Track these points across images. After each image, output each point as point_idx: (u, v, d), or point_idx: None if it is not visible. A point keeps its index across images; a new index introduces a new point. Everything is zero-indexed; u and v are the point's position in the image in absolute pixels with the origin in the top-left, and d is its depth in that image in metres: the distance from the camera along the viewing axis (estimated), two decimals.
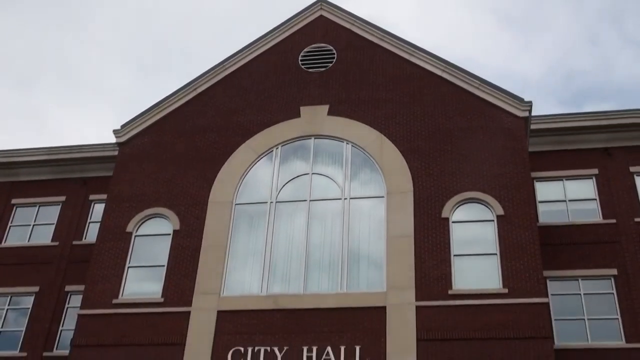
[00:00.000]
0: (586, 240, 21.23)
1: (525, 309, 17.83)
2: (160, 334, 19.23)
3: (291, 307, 18.97)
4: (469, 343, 17.68)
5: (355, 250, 19.71)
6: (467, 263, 18.91)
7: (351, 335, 18.31)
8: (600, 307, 20.22)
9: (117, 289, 20.24)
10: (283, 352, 18.40)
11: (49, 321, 22.88)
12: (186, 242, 20.62)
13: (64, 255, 24.26)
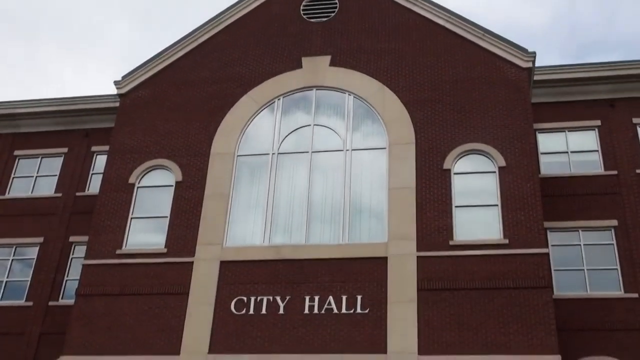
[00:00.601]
0: (587, 191, 21.30)
1: (525, 260, 18.00)
2: (163, 284, 19.47)
3: (293, 258, 19.15)
4: (469, 293, 17.89)
5: (357, 201, 19.80)
6: (468, 214, 19.01)
7: (353, 285, 18.52)
8: (600, 258, 20.40)
9: (120, 240, 20.42)
10: (285, 302, 18.64)
11: (54, 271, 23.15)
12: (188, 194, 20.71)
13: (68, 206, 24.41)
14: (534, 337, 17.06)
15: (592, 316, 19.39)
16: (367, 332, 17.88)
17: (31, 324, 22.26)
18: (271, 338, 18.26)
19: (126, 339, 18.93)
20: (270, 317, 18.53)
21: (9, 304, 22.93)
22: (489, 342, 17.21)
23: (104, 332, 19.11)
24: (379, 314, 18.04)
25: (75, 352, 18.98)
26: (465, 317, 17.62)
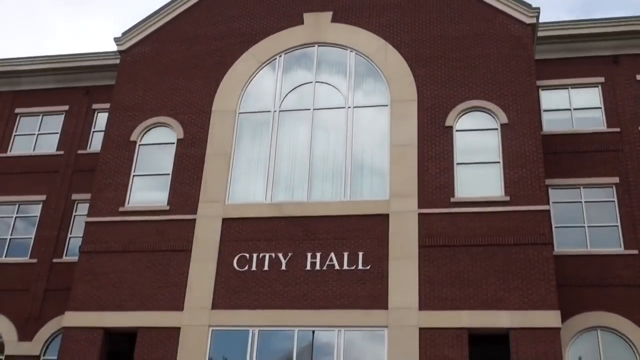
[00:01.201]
0: (589, 148, 21.26)
1: (526, 216, 18.07)
2: (166, 241, 19.60)
3: (295, 215, 19.25)
4: (470, 249, 18.01)
5: (359, 159, 19.81)
6: (469, 171, 19.03)
7: (354, 242, 18.65)
8: (601, 214, 20.46)
9: (123, 197, 20.50)
10: (287, 259, 18.79)
11: (57, 229, 23.30)
12: (190, 151, 20.71)
13: (70, 164, 24.44)
14: (533, 293, 17.23)
15: (592, 272, 19.54)
16: (369, 288, 18.05)
17: (36, 281, 22.49)
18: (273, 294, 18.45)
19: (130, 295, 19.14)
20: (272, 274, 18.70)
21: (14, 260, 23.13)
22: (489, 298, 17.39)
23: (108, 288, 19.31)
24: (380, 271, 18.19)
25: (80, 307, 19.21)
26: (465, 273, 17.77)
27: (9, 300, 22.40)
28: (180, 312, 18.62)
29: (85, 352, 18.65)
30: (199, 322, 18.39)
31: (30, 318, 21.94)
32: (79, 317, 19.06)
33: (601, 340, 18.83)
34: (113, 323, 18.89)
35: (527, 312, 17.03)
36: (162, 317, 18.66)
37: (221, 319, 18.40)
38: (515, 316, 17.04)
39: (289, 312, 18.15)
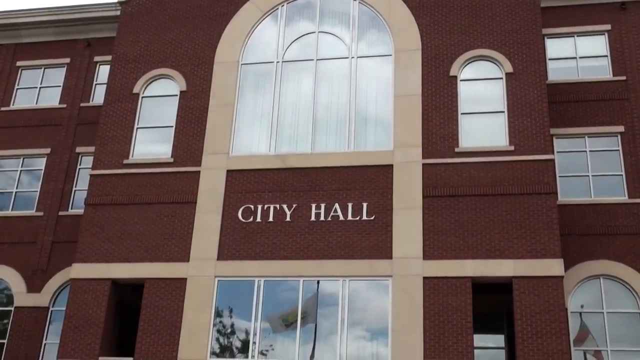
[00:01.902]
0: (595, 97, 21.08)
1: (530, 166, 18.06)
2: (171, 193, 19.67)
3: (299, 166, 19.26)
4: (474, 199, 18.05)
5: (363, 109, 19.71)
6: (474, 121, 18.96)
7: (358, 193, 18.69)
8: (605, 163, 20.39)
9: (127, 150, 20.51)
10: (292, 210, 18.87)
11: (62, 182, 23.36)
12: (193, 103, 20.62)
13: (73, 117, 24.37)
14: (537, 242, 17.33)
15: (596, 221, 19.58)
16: (373, 239, 18.16)
17: (43, 233, 22.65)
18: (278, 245, 18.59)
19: (136, 246, 19.30)
20: (277, 225, 18.80)
21: (20, 214, 23.26)
22: (493, 247, 17.50)
23: (114, 240, 19.47)
24: (385, 221, 18.27)
25: (87, 259, 19.40)
26: (469, 223, 17.85)
27: (17, 253, 22.61)
28: (186, 263, 18.80)
29: (93, 303, 18.90)
30: (204, 272, 18.59)
31: (38, 270, 22.18)
32: (86, 268, 19.27)
33: (604, 288, 18.97)
34: (120, 274, 19.10)
35: (531, 261, 17.15)
36: (169, 268, 18.85)
37: (227, 269, 18.59)
38: (519, 265, 17.17)
39: (294, 263, 18.31)
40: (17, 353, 21.22)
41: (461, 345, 16.80)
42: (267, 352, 17.97)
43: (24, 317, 21.66)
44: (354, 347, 17.54)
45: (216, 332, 18.25)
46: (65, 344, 18.61)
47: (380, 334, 17.54)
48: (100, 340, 18.51)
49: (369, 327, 17.71)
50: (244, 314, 18.30)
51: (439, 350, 16.84)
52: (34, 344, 21.20)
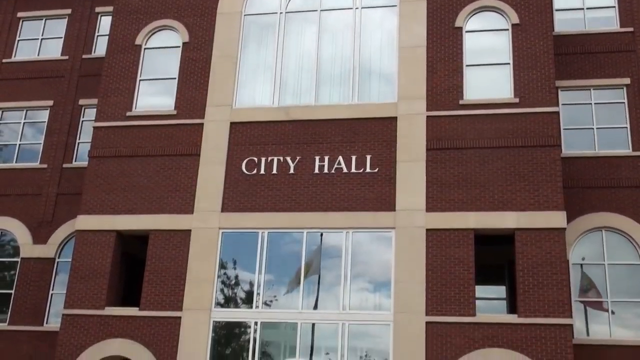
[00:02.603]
0: (601, 49, 20.86)
1: (535, 118, 17.99)
2: (174, 145, 19.68)
3: (303, 118, 19.21)
4: (478, 152, 18.04)
5: (367, 61, 19.56)
6: (479, 73, 18.81)
7: (362, 145, 18.67)
8: (610, 116, 20.31)
9: (129, 102, 20.44)
10: (295, 162, 18.88)
11: (66, 134, 23.36)
12: (196, 55, 20.47)
13: (75, 69, 24.23)
14: (540, 195, 17.37)
15: (599, 174, 19.58)
16: (376, 191, 18.22)
17: (47, 186, 22.75)
18: (282, 197, 18.65)
19: (140, 198, 19.39)
20: (280, 177, 18.84)
21: (24, 166, 23.32)
22: (496, 200, 17.55)
23: (119, 193, 19.55)
24: (388, 173, 18.30)
25: (92, 211, 19.52)
26: (473, 175, 17.87)
27: (22, 205, 22.74)
28: (190, 215, 18.91)
29: (98, 254, 19.08)
30: (209, 224, 18.70)
31: (43, 222, 22.34)
32: (91, 220, 19.40)
33: (605, 240, 19.08)
34: (125, 226, 19.23)
35: (533, 213, 17.21)
36: (173, 220, 18.96)
37: (230, 221, 18.70)
38: (521, 217, 17.24)
39: (298, 215, 18.40)
40: (25, 303, 21.52)
41: (463, 296, 16.98)
42: (271, 303, 18.18)
43: (31, 268, 21.91)
44: (357, 298, 17.74)
45: (220, 283, 18.45)
46: (72, 294, 18.85)
47: (383, 286, 17.72)
48: (106, 290, 18.74)
49: (371, 279, 17.88)
50: (248, 266, 18.47)
51: (441, 300, 17.03)
52: (40, 294, 21.50)
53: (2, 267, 22.54)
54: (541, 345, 16.26)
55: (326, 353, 17.46)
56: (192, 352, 17.71)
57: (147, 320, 18.26)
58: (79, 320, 18.58)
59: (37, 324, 21.21)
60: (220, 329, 18.07)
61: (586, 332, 18.54)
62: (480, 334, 16.65)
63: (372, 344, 17.36)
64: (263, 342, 17.82)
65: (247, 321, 18.02)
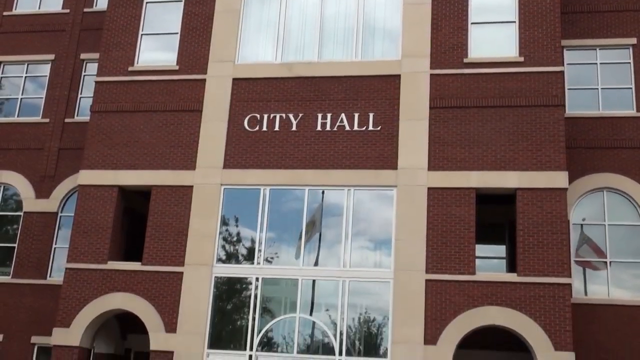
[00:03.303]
0: (608, 8, 20.56)
1: (539, 78, 17.87)
2: (177, 101, 19.60)
3: (306, 75, 19.09)
4: (481, 110, 17.96)
5: (371, 18, 19.35)
6: (484, 31, 18.62)
7: (365, 103, 18.59)
8: (615, 76, 20.13)
9: (132, 57, 20.30)
10: (298, 119, 18.82)
11: (67, 89, 23.23)
12: (198, 9, 20.24)
13: (76, 22, 23.98)
14: (542, 154, 17.35)
15: (602, 134, 19.51)
16: (379, 149, 18.19)
17: (49, 140, 22.71)
18: (284, 154, 18.64)
19: (142, 154, 19.39)
20: (283, 134, 18.80)
21: (26, 120, 23.26)
22: (498, 159, 17.53)
23: (121, 148, 19.55)
24: (391, 131, 18.25)
25: (94, 166, 19.54)
26: (475, 135, 17.82)
27: (24, 159, 22.75)
28: (192, 171, 18.93)
29: (101, 209, 19.16)
30: (210, 180, 18.73)
31: (45, 176, 22.37)
32: (94, 175, 19.44)
33: (606, 201, 19.10)
34: (127, 181, 19.27)
35: (535, 173, 17.22)
36: (175, 176, 18.99)
37: (232, 177, 18.72)
38: (523, 176, 17.24)
39: (300, 172, 18.42)
40: (28, 257, 21.69)
41: (463, 254, 17.09)
42: (272, 260, 18.31)
43: (33, 222, 22.02)
44: (358, 256, 17.85)
45: (222, 239, 18.55)
46: (75, 248, 18.99)
47: (383, 244, 17.82)
48: (109, 245, 18.86)
49: (372, 237, 17.98)
50: (250, 223, 18.55)
51: (441, 259, 17.14)
52: (43, 248, 21.65)
53: (5, 221, 22.66)
54: (540, 304, 16.42)
55: (326, 309, 17.64)
56: (194, 306, 17.90)
57: (149, 275, 18.42)
58: (81, 274, 18.75)
59: (40, 278, 21.41)
60: (222, 285, 18.24)
61: (584, 292, 18.69)
62: (480, 292, 16.79)
63: (372, 301, 17.54)
64: (264, 297, 18.00)
65: (248, 277, 18.17)
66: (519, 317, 16.42)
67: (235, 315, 18.05)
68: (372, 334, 17.37)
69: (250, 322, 17.76)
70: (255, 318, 17.76)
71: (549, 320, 16.27)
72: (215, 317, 17.98)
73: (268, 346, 17.65)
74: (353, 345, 17.28)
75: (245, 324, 17.81)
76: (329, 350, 17.25)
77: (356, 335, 17.37)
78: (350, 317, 17.41)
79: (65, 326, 18.37)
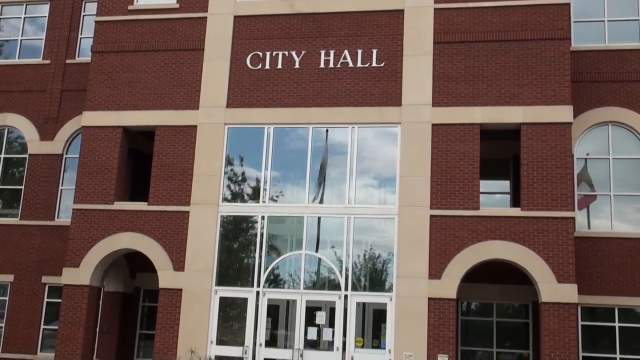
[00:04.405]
0: None
1: (545, 10, 17.62)
2: (178, 40, 19.41)
3: (308, 11, 18.86)
4: (486, 45, 17.76)
5: None
6: None
7: (368, 39, 18.39)
8: (622, 8, 19.77)
9: None
10: (301, 57, 18.66)
11: (67, 29, 22.94)
12: None
13: None
14: (547, 89, 17.23)
15: (608, 68, 19.28)
16: (382, 85, 18.08)
17: (51, 82, 22.58)
18: (287, 92, 18.55)
19: (145, 94, 19.31)
20: (286, 72, 18.68)
21: (27, 62, 23.07)
22: (503, 94, 17.43)
23: (124, 88, 19.47)
24: (394, 68, 18.10)
25: (98, 107, 19.50)
26: (480, 69, 17.67)
27: (27, 101, 22.68)
28: (195, 111, 18.88)
29: (106, 150, 19.20)
30: (214, 120, 18.71)
31: (49, 118, 22.33)
32: (97, 116, 19.42)
33: (611, 135, 19.03)
34: (131, 122, 19.27)
35: (540, 107, 17.14)
36: (179, 116, 18.96)
37: (236, 116, 18.69)
38: (528, 111, 17.17)
39: (303, 110, 18.36)
40: (35, 199, 21.84)
41: (467, 190, 17.16)
42: (277, 198, 18.43)
43: (39, 164, 22.09)
44: (362, 193, 17.95)
45: (227, 179, 18.64)
46: (81, 189, 19.11)
47: (387, 181, 17.89)
48: (115, 185, 18.98)
49: (376, 175, 18.04)
50: (254, 162, 18.59)
51: (445, 194, 17.22)
52: (50, 190, 21.77)
53: (11, 164, 22.74)
54: (543, 238, 16.56)
55: (332, 247, 17.83)
56: (201, 245, 18.11)
57: (155, 215, 18.58)
58: (89, 214, 18.92)
59: (48, 219, 21.61)
60: (228, 224, 18.41)
61: (587, 226, 18.80)
62: (484, 227, 16.93)
63: (376, 237, 17.72)
64: (270, 235, 18.18)
65: (254, 215, 18.32)
66: (522, 251, 16.60)
67: (242, 253, 18.28)
68: (377, 270, 17.61)
69: (257, 259, 18.00)
70: (262, 255, 17.99)
71: (552, 253, 16.44)
72: (223, 255, 18.21)
73: (275, 283, 17.93)
74: (358, 280, 17.54)
75: (252, 262, 18.05)
76: (335, 286, 17.52)
77: (361, 271, 17.61)
78: (356, 254, 17.62)
79: (75, 266, 18.65)
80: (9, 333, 21.07)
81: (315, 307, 17.51)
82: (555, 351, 15.98)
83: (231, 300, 18.02)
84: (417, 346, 16.52)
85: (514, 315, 19.16)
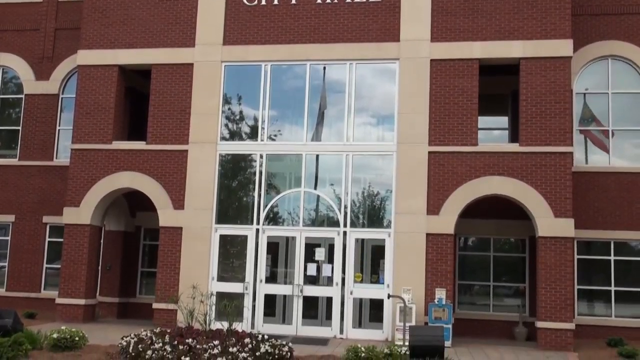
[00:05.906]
0: None
1: None
2: None
3: None
4: None
5: None
6: None
7: None
8: None
9: None
10: None
11: None
12: None
13: None
14: (547, 22, 17.03)
15: (608, 0, 19.01)
16: (381, 21, 17.86)
17: (45, 20, 22.23)
18: (284, 28, 18.33)
19: (140, 31, 19.08)
20: (283, 8, 18.41)
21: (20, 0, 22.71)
22: (502, 28, 17.24)
23: (119, 26, 19.22)
24: (393, 2, 17.87)
25: (93, 46, 19.29)
26: (479, 4, 17.44)
27: (20, 41, 22.40)
28: (192, 49, 18.69)
29: (102, 89, 19.08)
30: (211, 57, 18.53)
31: (44, 58, 22.09)
32: (93, 55, 19.22)
33: (611, 69, 18.91)
34: (127, 60, 19.09)
35: (539, 42, 16.97)
36: (175, 54, 18.78)
37: (233, 54, 18.51)
38: (527, 46, 17.01)
39: (301, 47, 18.17)
40: (33, 139, 21.80)
41: (466, 126, 17.13)
42: (276, 137, 18.40)
43: (35, 105, 21.97)
44: (361, 131, 17.91)
45: (225, 118, 18.56)
46: (79, 129, 19.06)
47: (386, 118, 17.85)
48: (113, 124, 18.93)
49: (375, 113, 17.98)
50: (252, 100, 18.50)
51: (444, 131, 17.20)
52: (48, 130, 21.71)
53: (7, 105, 22.62)
54: (541, 173, 16.62)
55: (330, 184, 17.90)
56: (200, 183, 18.17)
57: (154, 154, 18.58)
58: (87, 154, 18.92)
59: (47, 159, 21.60)
60: (227, 162, 18.43)
61: (585, 161, 18.86)
62: (482, 163, 16.97)
63: (375, 175, 17.77)
64: (269, 173, 18.23)
65: (252, 154, 18.33)
66: (520, 186, 16.68)
67: (241, 192, 18.36)
68: (375, 207, 17.72)
69: (256, 197, 18.09)
70: (261, 194, 18.07)
71: (550, 188, 16.52)
72: (222, 194, 18.30)
73: (274, 220, 18.07)
74: (357, 217, 17.67)
75: (252, 200, 18.15)
76: (334, 223, 17.66)
77: (360, 208, 17.72)
78: (354, 191, 17.70)
79: (75, 205, 18.75)
80: (13, 272, 21.34)
81: (314, 244, 17.69)
82: (551, 284, 16.23)
83: (231, 238, 18.20)
84: (415, 281, 16.76)
85: (510, 250, 19.39)
